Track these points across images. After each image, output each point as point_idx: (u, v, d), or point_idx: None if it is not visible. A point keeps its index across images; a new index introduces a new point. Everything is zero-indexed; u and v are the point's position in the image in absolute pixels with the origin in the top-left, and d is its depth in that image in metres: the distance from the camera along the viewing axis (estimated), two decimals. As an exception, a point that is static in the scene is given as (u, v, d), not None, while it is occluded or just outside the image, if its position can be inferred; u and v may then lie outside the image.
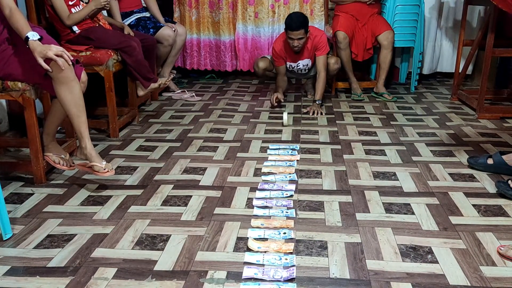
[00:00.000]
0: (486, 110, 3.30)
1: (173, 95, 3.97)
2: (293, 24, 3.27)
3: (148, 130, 3.09)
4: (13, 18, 1.94)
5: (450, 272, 1.54)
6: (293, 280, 1.50)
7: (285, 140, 2.86)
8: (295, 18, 3.30)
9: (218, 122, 3.24)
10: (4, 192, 2.13)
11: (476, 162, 2.37)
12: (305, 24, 3.31)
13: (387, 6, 3.89)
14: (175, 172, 2.39)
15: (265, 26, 4.28)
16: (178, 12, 4.41)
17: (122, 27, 3.21)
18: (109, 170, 2.13)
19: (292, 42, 3.35)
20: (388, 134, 2.96)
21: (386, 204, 2.02)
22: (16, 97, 2.12)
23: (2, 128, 2.75)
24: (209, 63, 4.50)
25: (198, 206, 2.01)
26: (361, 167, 2.43)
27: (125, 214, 1.95)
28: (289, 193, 2.11)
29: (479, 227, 1.83)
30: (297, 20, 3.28)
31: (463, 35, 3.67)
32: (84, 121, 2.10)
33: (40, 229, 1.84)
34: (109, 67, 2.82)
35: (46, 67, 1.93)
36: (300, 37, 3.31)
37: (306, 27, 3.32)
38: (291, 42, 3.35)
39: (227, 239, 1.75)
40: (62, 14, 2.77)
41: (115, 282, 1.50)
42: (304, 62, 3.56)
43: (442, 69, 4.46)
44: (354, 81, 3.89)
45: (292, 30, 3.29)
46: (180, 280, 1.51)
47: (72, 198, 2.11)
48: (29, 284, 1.50)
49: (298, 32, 3.29)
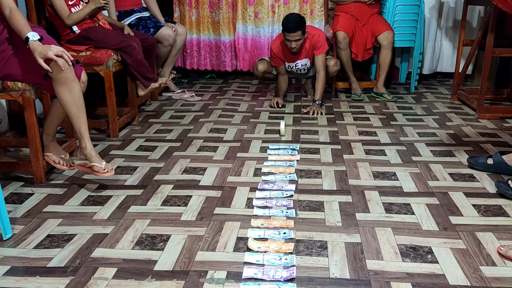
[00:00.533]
0: (486, 110, 3.30)
1: (173, 95, 3.97)
2: (290, 26, 3.24)
3: (148, 130, 3.09)
4: (13, 18, 1.94)
5: (450, 272, 1.54)
6: (293, 280, 1.50)
7: (285, 140, 2.87)
8: (292, 19, 3.26)
9: (218, 122, 3.24)
10: (4, 192, 2.14)
11: (476, 162, 2.37)
12: (302, 25, 3.28)
13: (387, 6, 3.89)
14: (175, 172, 2.40)
15: (265, 26, 4.28)
16: (178, 12, 4.41)
17: (122, 27, 3.22)
18: (109, 170, 2.12)
19: (289, 44, 3.33)
20: (388, 134, 2.96)
21: (386, 204, 2.02)
22: (16, 97, 2.12)
23: (2, 128, 2.75)
24: (209, 63, 4.50)
25: (198, 206, 2.01)
26: (361, 167, 2.43)
27: (125, 214, 1.95)
28: (289, 193, 2.11)
29: (479, 227, 1.83)
30: (293, 21, 3.25)
31: (463, 35, 3.67)
32: (84, 121, 2.10)
33: (40, 229, 1.84)
34: (109, 67, 2.82)
35: (46, 68, 1.93)
36: (298, 38, 3.30)
37: (303, 29, 3.30)
38: (289, 44, 3.34)
39: (227, 239, 1.75)
40: (62, 14, 2.77)
41: (115, 282, 1.50)
42: (303, 62, 3.55)
43: (442, 69, 4.46)
44: (354, 81, 3.89)
45: (289, 32, 3.27)
46: (180, 280, 1.51)
47: (72, 198, 2.11)
48: (29, 284, 1.50)
49: (295, 34, 3.27)
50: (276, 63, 3.55)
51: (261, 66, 3.64)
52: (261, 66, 3.64)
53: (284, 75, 3.62)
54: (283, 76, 3.62)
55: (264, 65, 3.65)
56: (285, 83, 3.65)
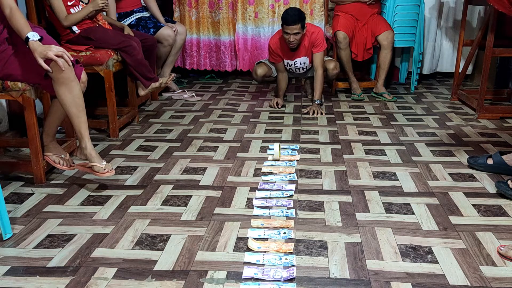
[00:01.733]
0: (486, 110, 3.30)
1: (173, 95, 3.97)
2: (289, 19, 3.23)
3: (148, 130, 3.09)
4: (13, 18, 1.94)
5: (450, 272, 1.54)
6: (293, 280, 1.50)
7: (285, 140, 2.86)
8: (291, 12, 3.26)
9: (218, 122, 3.24)
10: (4, 192, 2.14)
11: (476, 162, 2.37)
12: (301, 19, 3.26)
13: (387, 6, 3.89)
14: (175, 172, 2.40)
15: (265, 26, 4.28)
16: (178, 12, 4.42)
17: (122, 27, 3.22)
18: (109, 171, 2.12)
19: (288, 38, 3.32)
20: (388, 134, 2.96)
21: (386, 204, 2.02)
22: (16, 97, 2.12)
23: (2, 128, 2.75)
24: (209, 63, 4.50)
25: (198, 206, 2.01)
26: (361, 167, 2.43)
27: (125, 214, 1.95)
28: (289, 193, 2.11)
29: (479, 227, 1.83)
30: (293, 14, 3.24)
31: (463, 35, 3.67)
32: (84, 121, 2.10)
33: (40, 229, 1.84)
34: (109, 67, 2.82)
35: (46, 68, 1.93)
36: (296, 31, 3.27)
37: (302, 22, 3.28)
38: (287, 37, 3.32)
39: (227, 239, 1.75)
40: (59, 15, 2.77)
41: (115, 282, 1.50)
42: (302, 60, 3.54)
43: (442, 69, 4.46)
44: (354, 81, 3.88)
45: (288, 24, 3.25)
46: (180, 280, 1.51)
47: (72, 198, 2.11)
48: (29, 284, 1.50)
49: (294, 27, 3.25)
50: (274, 59, 3.54)
51: (260, 70, 3.63)
52: (260, 70, 3.63)
53: (283, 73, 3.60)
54: (282, 74, 3.60)
55: (263, 69, 3.64)
56: (285, 82, 3.63)
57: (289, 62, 3.56)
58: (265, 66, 3.66)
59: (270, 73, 3.67)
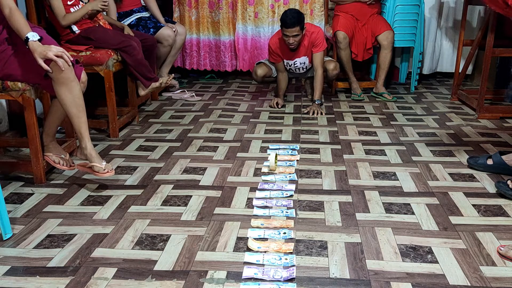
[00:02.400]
0: (486, 110, 3.30)
1: (173, 95, 3.97)
2: (288, 21, 3.23)
3: (148, 130, 3.09)
4: (13, 18, 1.94)
5: (450, 272, 1.54)
6: (293, 280, 1.50)
7: (285, 140, 2.86)
8: (290, 15, 3.25)
9: (218, 122, 3.24)
10: (4, 192, 2.14)
11: (476, 162, 2.37)
12: (300, 21, 3.26)
13: (387, 6, 3.89)
14: (175, 172, 2.39)
15: (265, 26, 4.28)
16: (178, 12, 4.41)
17: (122, 27, 3.22)
18: (109, 171, 2.12)
19: (287, 40, 3.32)
20: (388, 134, 2.96)
21: (386, 204, 2.02)
22: (16, 97, 2.12)
23: (2, 128, 2.75)
24: (209, 63, 4.50)
25: (198, 206, 2.01)
26: (361, 167, 2.43)
27: (125, 214, 1.95)
28: (289, 193, 2.11)
29: (479, 227, 1.83)
30: (292, 17, 3.23)
31: (463, 35, 3.67)
32: (84, 121, 2.10)
33: (40, 229, 1.84)
34: (109, 67, 2.82)
35: (46, 68, 1.93)
36: (295, 34, 3.28)
37: (301, 24, 3.28)
38: (287, 39, 3.32)
39: (227, 239, 1.75)
40: (58, 14, 2.76)
41: (115, 282, 1.50)
42: (301, 60, 3.54)
43: (442, 69, 4.46)
44: (354, 81, 3.88)
45: (287, 27, 3.25)
46: (180, 280, 1.51)
47: (72, 198, 2.11)
48: (29, 284, 1.50)
49: (293, 29, 3.25)
50: (274, 59, 3.54)
51: (260, 71, 3.63)
52: (260, 71, 3.63)
53: (283, 73, 3.60)
54: (282, 73, 3.60)
55: (263, 70, 3.64)
56: (285, 82, 3.63)
57: (289, 62, 3.56)
58: (265, 66, 3.66)
59: (270, 73, 3.67)
